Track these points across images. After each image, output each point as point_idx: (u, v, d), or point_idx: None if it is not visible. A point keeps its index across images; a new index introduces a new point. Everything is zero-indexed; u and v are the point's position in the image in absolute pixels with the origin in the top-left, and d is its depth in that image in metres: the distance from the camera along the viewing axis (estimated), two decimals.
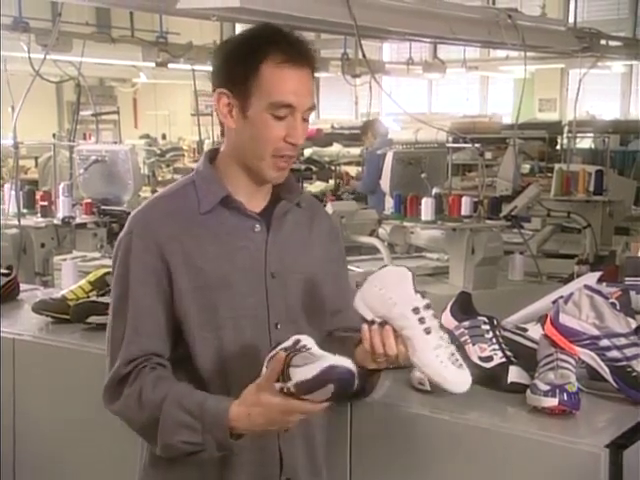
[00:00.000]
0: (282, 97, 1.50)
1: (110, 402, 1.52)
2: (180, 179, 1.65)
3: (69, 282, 3.08)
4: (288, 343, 1.37)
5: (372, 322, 1.49)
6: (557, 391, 1.65)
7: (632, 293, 2.12)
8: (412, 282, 1.51)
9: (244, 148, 1.54)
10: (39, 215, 4.29)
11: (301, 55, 1.51)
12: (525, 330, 2.01)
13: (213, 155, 1.61)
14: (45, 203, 4.33)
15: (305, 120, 1.55)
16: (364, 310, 1.49)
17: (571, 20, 7.57)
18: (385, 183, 4.78)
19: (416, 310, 1.49)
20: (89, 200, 4.43)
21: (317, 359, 1.31)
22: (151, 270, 1.50)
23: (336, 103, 12.56)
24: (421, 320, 1.48)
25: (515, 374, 1.81)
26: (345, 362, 1.32)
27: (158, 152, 10.49)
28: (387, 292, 1.48)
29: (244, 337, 1.52)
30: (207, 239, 1.52)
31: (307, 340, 1.37)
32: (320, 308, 1.61)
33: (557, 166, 6.54)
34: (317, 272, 1.62)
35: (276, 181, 1.58)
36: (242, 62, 1.50)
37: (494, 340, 1.90)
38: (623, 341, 1.75)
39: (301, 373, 1.30)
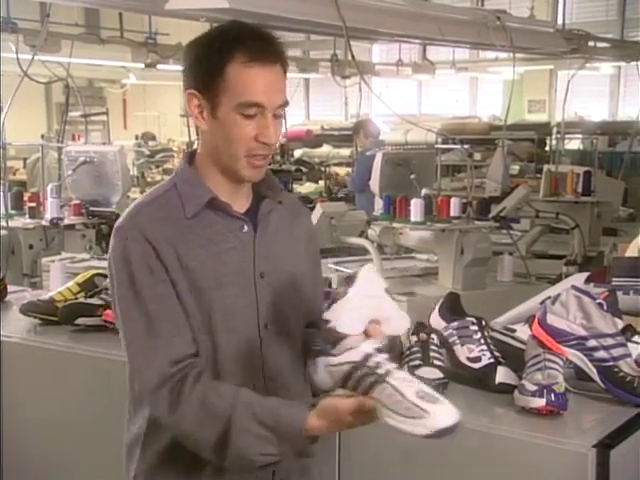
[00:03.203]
0: (250, 97, 1.47)
1: (170, 412, 1.43)
2: (160, 183, 1.63)
3: (57, 284, 3.07)
4: (355, 357, 1.35)
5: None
6: (544, 391, 1.66)
7: (619, 293, 2.13)
8: (378, 273, 1.54)
9: (218, 149, 1.53)
10: (27, 216, 4.27)
11: (268, 52, 1.48)
12: (513, 331, 2.02)
13: (192, 156, 1.59)
14: (33, 204, 4.30)
15: (278, 117, 1.52)
16: (357, 329, 1.46)
17: (560, 22, 7.59)
18: (374, 184, 4.78)
19: (387, 290, 1.51)
20: (78, 201, 4.41)
21: (415, 412, 1.29)
22: (156, 271, 1.47)
23: (326, 104, 12.56)
24: (388, 292, 1.51)
25: (503, 375, 1.82)
26: (451, 415, 1.29)
27: (147, 153, 10.47)
28: (371, 294, 1.48)
29: (236, 339, 1.51)
30: (197, 242, 1.51)
31: (378, 357, 1.35)
32: (305, 305, 1.60)
33: (546, 167, 6.57)
34: (301, 270, 1.62)
35: (253, 179, 1.55)
36: (209, 62, 1.48)
37: (482, 341, 1.91)
38: (610, 341, 1.76)
39: (396, 423, 1.31)
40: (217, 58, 1.47)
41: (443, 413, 1.29)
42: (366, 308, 1.46)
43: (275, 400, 1.44)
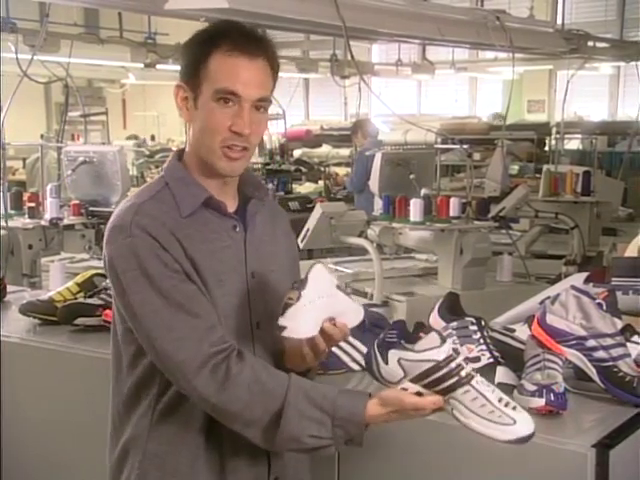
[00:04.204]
0: (227, 84, 1.48)
1: (220, 390, 1.41)
2: (148, 183, 1.61)
3: (57, 284, 3.07)
4: (438, 356, 1.37)
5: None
6: (544, 391, 1.66)
7: (619, 293, 2.13)
8: (327, 271, 1.54)
9: (197, 141, 1.53)
10: (27, 216, 4.27)
11: (252, 45, 1.49)
12: (513, 331, 2.01)
13: (181, 155, 1.59)
14: (33, 204, 4.30)
15: (259, 111, 1.51)
16: (312, 332, 1.47)
17: (559, 22, 7.59)
18: (374, 184, 4.78)
19: (338, 286, 1.52)
20: (77, 201, 4.42)
21: (499, 418, 1.35)
22: (168, 262, 1.46)
23: (325, 104, 12.56)
24: (339, 287, 1.52)
25: (502, 375, 1.82)
26: (530, 424, 1.37)
27: (147, 153, 10.47)
28: (323, 294, 1.48)
29: (231, 337, 1.51)
30: (197, 238, 1.51)
31: (458, 358, 1.39)
32: None
33: (545, 167, 6.57)
34: (284, 269, 1.64)
35: (228, 173, 1.53)
36: (194, 53, 1.51)
37: (482, 341, 1.91)
38: (609, 341, 1.76)
39: (477, 426, 1.37)
40: (202, 48, 1.50)
41: (524, 421, 1.37)
42: (318, 310, 1.46)
43: (329, 386, 1.46)
